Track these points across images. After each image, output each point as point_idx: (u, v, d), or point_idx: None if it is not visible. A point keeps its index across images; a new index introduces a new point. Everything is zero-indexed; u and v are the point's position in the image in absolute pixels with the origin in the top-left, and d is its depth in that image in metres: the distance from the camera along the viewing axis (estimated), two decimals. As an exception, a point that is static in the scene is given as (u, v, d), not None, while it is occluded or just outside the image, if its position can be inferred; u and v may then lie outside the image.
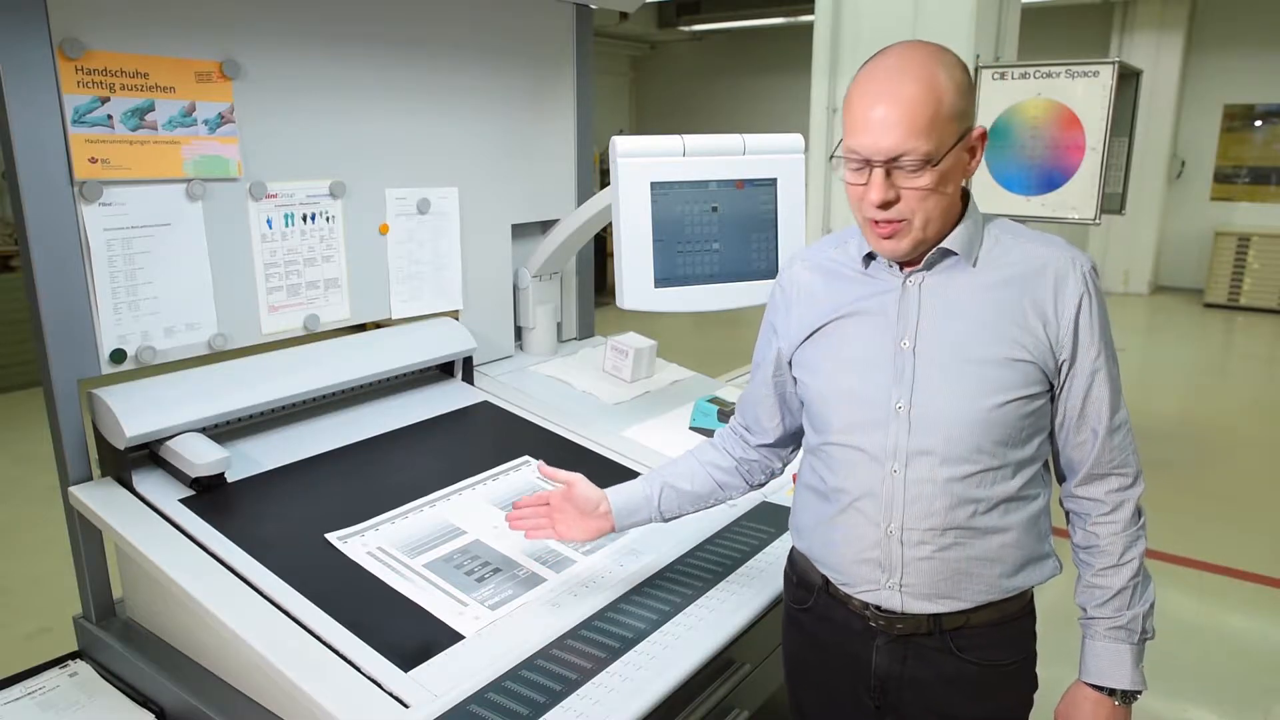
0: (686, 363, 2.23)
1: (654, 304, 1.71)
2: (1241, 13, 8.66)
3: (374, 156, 1.81)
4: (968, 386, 1.16)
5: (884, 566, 1.23)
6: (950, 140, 1.10)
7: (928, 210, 1.14)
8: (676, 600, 1.33)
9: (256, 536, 1.36)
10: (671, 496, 1.38)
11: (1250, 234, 8.51)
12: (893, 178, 1.12)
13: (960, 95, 1.11)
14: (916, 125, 1.09)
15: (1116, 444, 1.21)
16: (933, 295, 1.20)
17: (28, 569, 3.55)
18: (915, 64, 1.11)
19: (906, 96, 1.09)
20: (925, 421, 1.18)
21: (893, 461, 1.20)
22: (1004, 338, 1.16)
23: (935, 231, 1.16)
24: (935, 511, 1.18)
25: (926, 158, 1.10)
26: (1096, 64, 3.68)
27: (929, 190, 1.12)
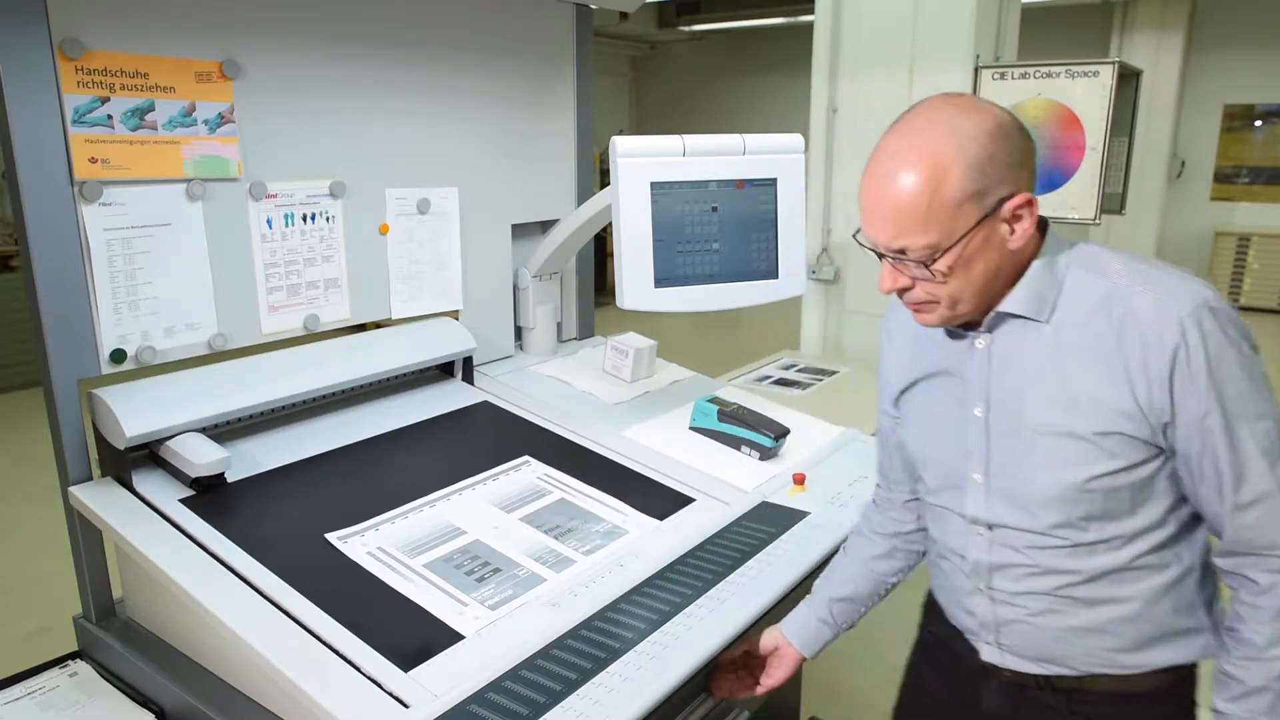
0: (686, 363, 2.23)
1: (654, 304, 1.71)
2: (1241, 13, 8.66)
3: (374, 156, 1.81)
4: (1043, 461, 1.05)
5: (982, 623, 1.19)
6: (963, 225, 0.99)
7: (952, 292, 1.04)
8: (676, 600, 1.33)
9: (256, 536, 1.36)
10: (843, 609, 1.35)
11: (1250, 234, 8.51)
12: (902, 267, 1.04)
13: (973, 172, 0.98)
14: (912, 219, 0.99)
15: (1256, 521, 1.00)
16: (1002, 358, 1.09)
17: (28, 569, 3.55)
18: (916, 143, 1.00)
19: (898, 187, 0.99)
20: (1003, 495, 1.10)
21: (980, 525, 1.15)
22: (1082, 407, 1.02)
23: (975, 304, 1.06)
24: (1024, 579, 1.11)
25: (930, 250, 1.00)
26: (1096, 64, 3.68)
27: (945, 278, 1.03)
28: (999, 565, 1.14)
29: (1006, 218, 1.01)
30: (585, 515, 1.55)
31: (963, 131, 0.99)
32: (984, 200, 0.99)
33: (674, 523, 1.56)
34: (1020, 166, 1.01)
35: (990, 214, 0.99)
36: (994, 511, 1.12)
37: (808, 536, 1.52)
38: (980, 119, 1.00)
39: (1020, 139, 1.02)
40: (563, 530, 1.49)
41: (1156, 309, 0.99)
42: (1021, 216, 1.01)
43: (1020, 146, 1.02)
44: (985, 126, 0.99)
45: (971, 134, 0.99)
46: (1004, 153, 1.00)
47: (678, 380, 2.14)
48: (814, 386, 3.60)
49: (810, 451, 1.84)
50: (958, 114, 1.00)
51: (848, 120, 4.03)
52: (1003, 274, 1.05)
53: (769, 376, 3.74)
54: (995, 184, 0.99)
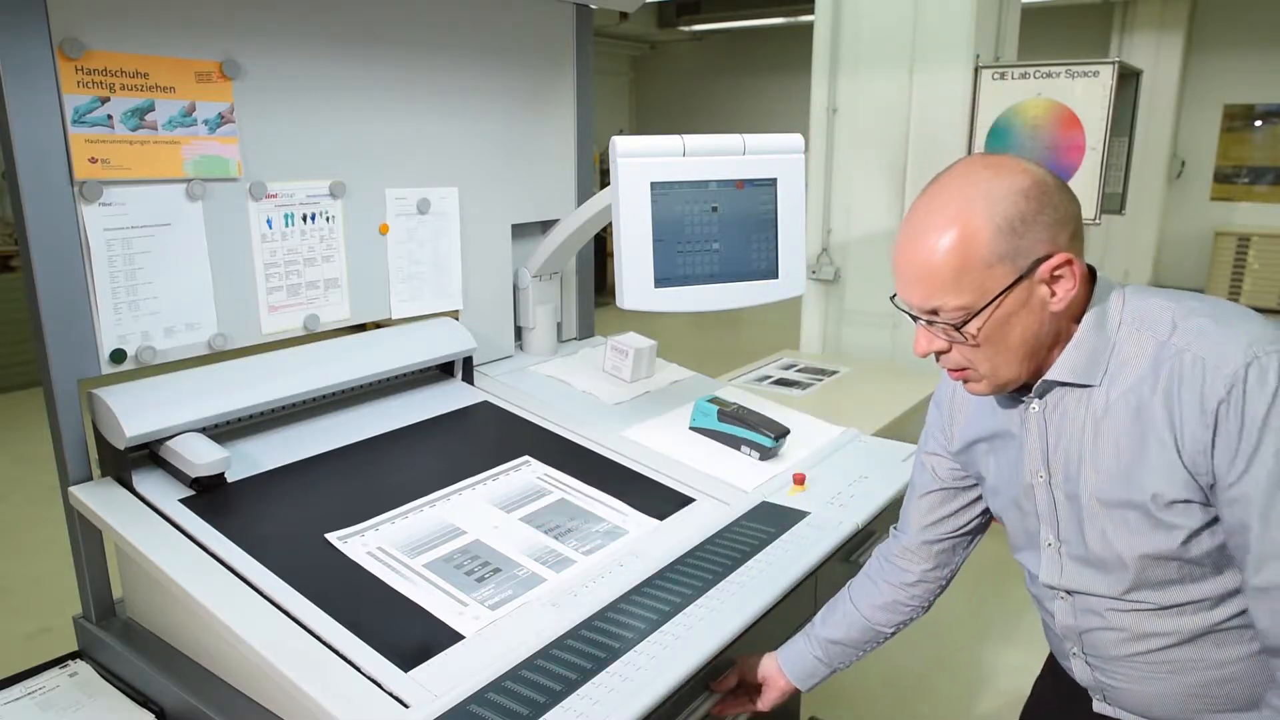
0: (686, 363, 2.23)
1: (654, 304, 1.71)
2: (1241, 13, 8.66)
3: (374, 156, 1.81)
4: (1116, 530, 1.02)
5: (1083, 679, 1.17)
6: (996, 286, 0.96)
7: (990, 358, 1.01)
8: (676, 600, 1.33)
9: (256, 536, 1.36)
10: (837, 652, 1.37)
11: (1250, 234, 8.51)
12: (937, 329, 1.02)
13: (1005, 233, 0.95)
14: (942, 280, 0.97)
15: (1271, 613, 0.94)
16: (1057, 425, 1.06)
17: (28, 569, 3.55)
18: (947, 204, 0.98)
19: (929, 248, 0.97)
20: (1077, 560, 1.08)
21: (1061, 593, 1.13)
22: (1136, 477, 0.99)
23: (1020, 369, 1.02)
24: (1111, 643, 1.09)
25: (963, 312, 0.98)
26: (1096, 64, 3.68)
27: (978, 342, 1.00)
28: (1087, 629, 1.12)
29: (1045, 279, 0.98)
30: (585, 515, 1.55)
31: (994, 192, 0.96)
32: (1017, 261, 0.96)
33: (674, 523, 1.56)
34: (1059, 225, 0.97)
35: (1025, 275, 0.96)
36: (1069, 577, 1.10)
37: (808, 536, 1.52)
38: (1014, 179, 0.97)
39: (1060, 198, 0.98)
40: (563, 530, 1.49)
41: (1202, 369, 0.94)
42: (1061, 277, 0.98)
43: (1059, 205, 0.98)
44: (1019, 186, 0.97)
45: (1004, 194, 0.96)
46: (1039, 212, 0.96)
47: (678, 380, 2.14)
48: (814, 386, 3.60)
49: (810, 451, 1.84)
50: (992, 175, 0.98)
51: (848, 120, 4.03)
52: (1046, 336, 1.01)
53: (769, 376, 3.74)
54: (1031, 245, 0.96)
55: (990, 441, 1.16)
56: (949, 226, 0.97)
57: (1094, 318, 1.02)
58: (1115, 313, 1.02)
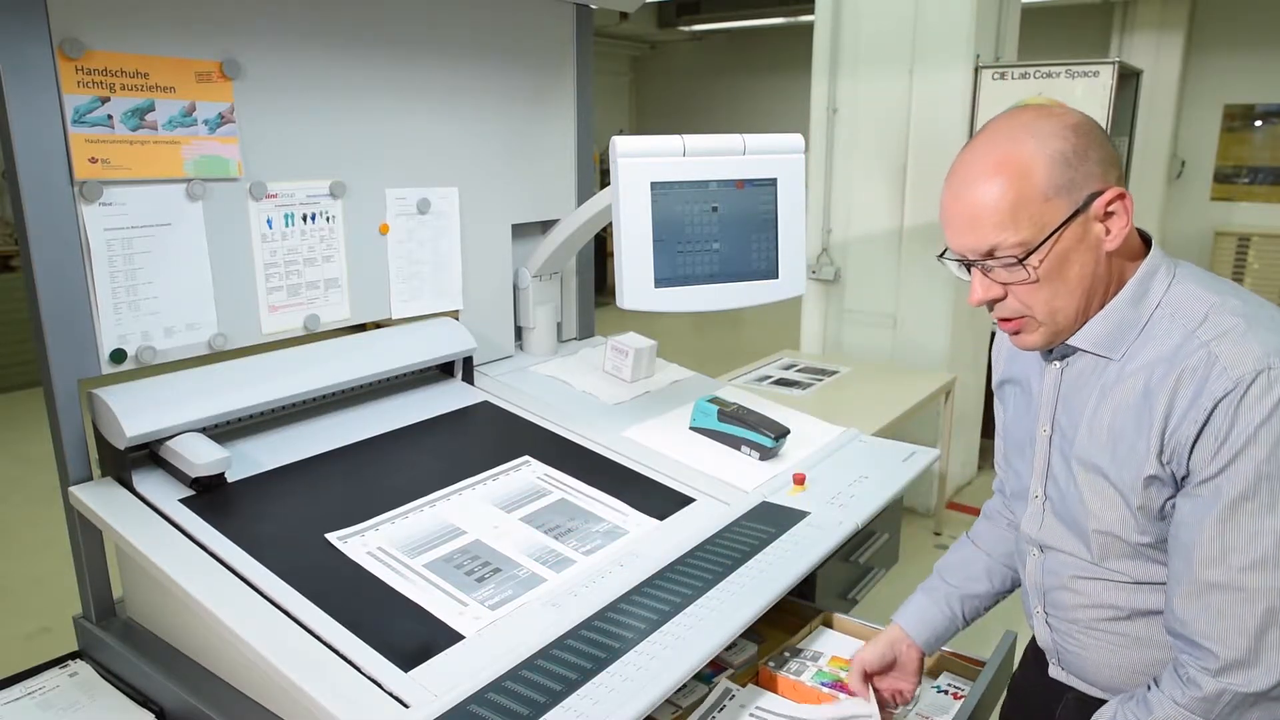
0: (686, 363, 2.23)
1: (654, 304, 1.71)
2: (1241, 13, 8.66)
3: (374, 156, 1.81)
4: (1095, 497, 1.03)
5: (1044, 643, 1.19)
6: (1054, 219, 0.95)
7: (1048, 302, 1.00)
8: (677, 600, 1.33)
9: (256, 536, 1.36)
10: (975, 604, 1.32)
11: (1250, 234, 8.51)
12: (994, 274, 1.00)
13: (1062, 166, 0.95)
14: (998, 215, 0.96)
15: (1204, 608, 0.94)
16: (1071, 382, 1.06)
17: (28, 569, 3.56)
18: (995, 142, 0.98)
19: (982, 186, 0.97)
20: (1056, 518, 1.10)
21: (1034, 545, 1.14)
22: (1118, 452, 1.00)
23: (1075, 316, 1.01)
24: (1070, 606, 1.11)
25: (1021, 248, 0.96)
26: (1096, 64, 3.68)
27: (1039, 282, 0.98)
28: (1051, 589, 1.14)
29: (1099, 215, 0.97)
30: (585, 515, 1.55)
31: (1042, 130, 0.96)
32: (1073, 194, 0.95)
33: (674, 523, 1.56)
34: (1108, 164, 0.98)
35: (1081, 209, 0.96)
36: (1046, 532, 1.11)
37: (808, 536, 1.52)
38: (1061, 118, 0.98)
39: (1105, 139, 0.99)
40: (563, 530, 1.49)
41: (1213, 365, 0.93)
42: (1114, 213, 0.97)
43: (1105, 144, 0.98)
44: (1066, 123, 0.97)
45: (1052, 131, 0.96)
46: (1089, 148, 0.96)
47: (678, 380, 2.14)
48: (814, 386, 3.60)
49: (810, 451, 1.84)
50: (1036, 115, 0.98)
51: (848, 120, 4.03)
52: (1102, 279, 1.00)
53: (769, 376, 3.74)
54: (1084, 179, 0.96)
55: (1016, 385, 1.17)
56: (1002, 164, 0.96)
57: (1134, 290, 1.01)
58: (1157, 293, 1.01)
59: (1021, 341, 1.05)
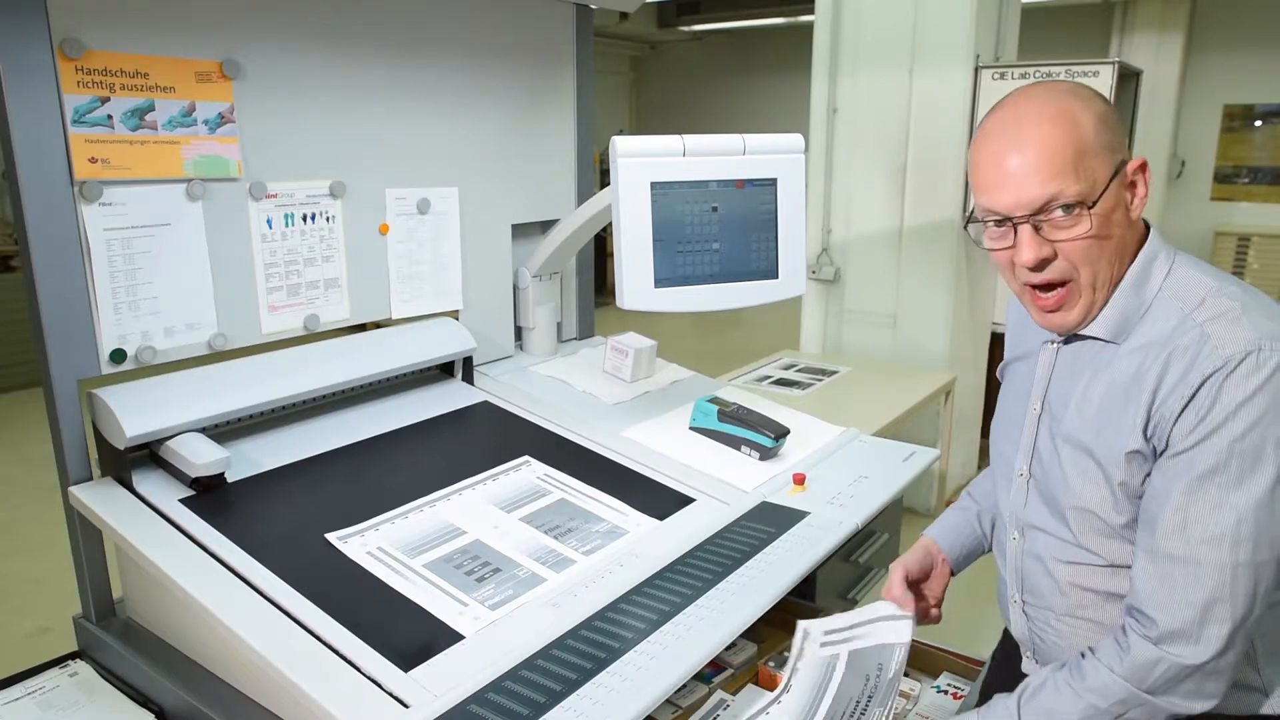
0: (686, 363, 2.23)
1: (654, 304, 1.71)
2: (1241, 13, 8.66)
3: (374, 156, 1.81)
4: (1078, 474, 1.04)
5: (1020, 635, 1.19)
6: (1105, 175, 0.95)
7: (1094, 264, 0.98)
8: (677, 600, 1.33)
9: (256, 536, 1.36)
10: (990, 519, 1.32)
11: (1250, 234, 8.51)
12: (1044, 232, 0.97)
13: (1105, 125, 0.96)
14: (1060, 164, 0.94)
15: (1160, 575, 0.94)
16: (1067, 361, 1.07)
17: (28, 569, 3.56)
18: (1043, 100, 0.98)
19: (1042, 136, 0.95)
20: (1039, 495, 1.10)
21: (1015, 529, 1.14)
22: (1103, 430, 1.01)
23: (1107, 288, 1.01)
24: (1047, 592, 1.11)
25: (1080, 199, 0.95)
26: (1096, 64, 3.68)
27: (1092, 239, 0.97)
28: (1028, 573, 1.14)
29: (1128, 181, 0.98)
30: (585, 515, 1.55)
31: (1084, 93, 0.98)
32: (1115, 155, 0.96)
33: (674, 523, 1.56)
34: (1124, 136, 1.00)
35: (1120, 169, 0.96)
36: (1029, 512, 1.12)
37: (808, 536, 1.52)
38: (1090, 90, 0.99)
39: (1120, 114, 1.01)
40: (563, 530, 1.49)
41: (1205, 344, 0.94)
42: (1137, 182, 0.99)
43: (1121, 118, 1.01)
44: (1097, 95, 0.99)
45: (1091, 95, 0.98)
46: (1114, 119, 0.98)
47: (678, 380, 2.14)
48: (814, 386, 3.60)
49: (810, 451, 1.84)
50: (1072, 84, 1.00)
51: (848, 120, 4.03)
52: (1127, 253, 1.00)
53: (769, 376, 3.74)
54: (1120, 143, 0.97)
55: (1021, 362, 1.17)
56: (1060, 116, 0.95)
57: (1137, 275, 1.01)
58: (1158, 279, 1.02)
59: (1061, 320, 1.02)
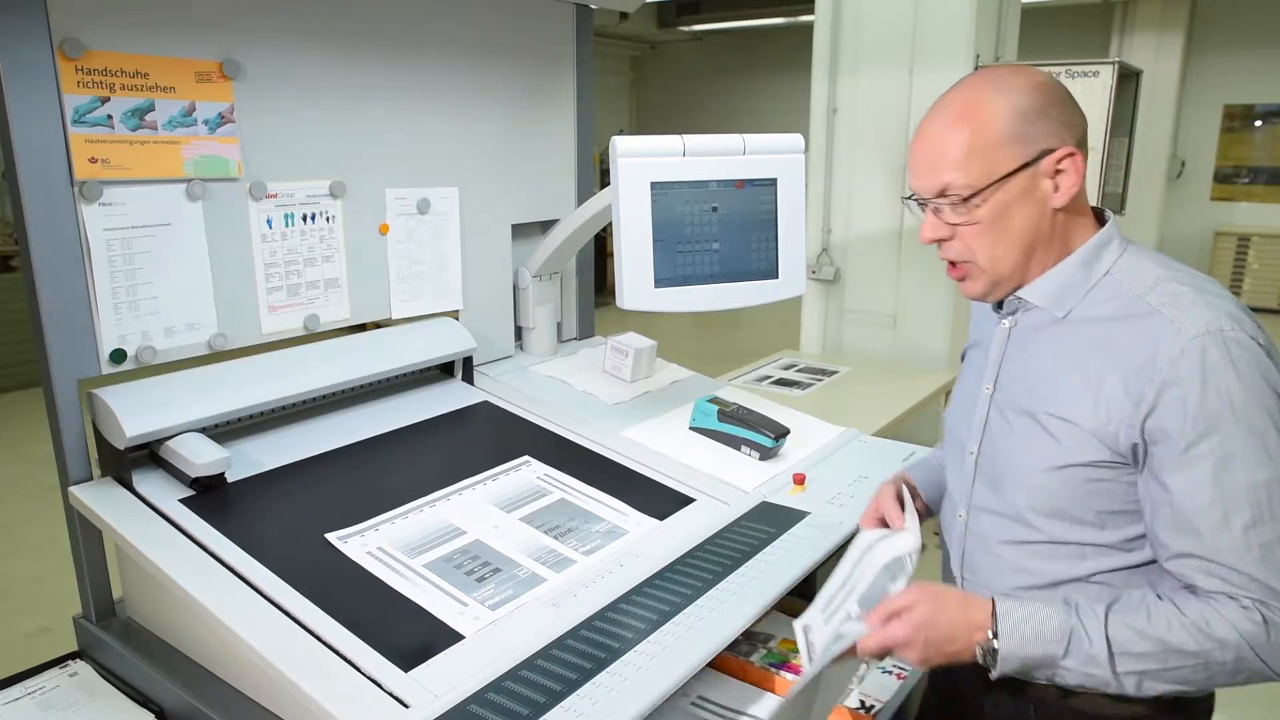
0: (686, 363, 2.23)
1: (654, 304, 1.71)
2: (1241, 13, 8.66)
3: (374, 156, 1.82)
4: (1026, 444, 1.06)
5: None
6: (1003, 166, 1.00)
7: (990, 248, 1.03)
8: (676, 600, 1.33)
9: (256, 536, 1.36)
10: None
11: (1250, 234, 8.52)
12: (942, 215, 1.05)
13: (1020, 118, 0.99)
14: (949, 157, 1.01)
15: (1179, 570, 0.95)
16: (1019, 341, 1.10)
17: (28, 569, 3.56)
18: (962, 92, 1.03)
19: (940, 128, 1.03)
20: (986, 473, 1.12)
21: (962, 508, 1.16)
22: (1068, 394, 1.02)
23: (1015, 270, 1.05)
24: (989, 571, 1.12)
25: (967, 190, 1.01)
26: (1096, 64, 3.68)
27: (982, 226, 1.02)
28: (970, 551, 1.16)
29: (1049, 172, 1.00)
30: (585, 515, 1.55)
31: (1007, 83, 1.01)
32: (1025, 147, 0.99)
33: (674, 523, 1.56)
34: (1068, 126, 1.01)
35: (1032, 162, 0.99)
36: (977, 492, 1.13)
37: (808, 536, 1.52)
38: (1030, 76, 1.02)
39: (1071, 105, 1.03)
40: (563, 530, 1.49)
41: (1163, 332, 0.96)
42: (1064, 171, 1.00)
43: (1070, 109, 1.02)
44: (1033, 81, 1.01)
45: (1016, 85, 1.01)
46: (1050, 106, 1.00)
47: (678, 380, 2.14)
48: (814, 386, 3.60)
49: (810, 451, 1.84)
50: (1007, 71, 1.04)
51: (848, 120, 4.03)
52: (1045, 236, 1.03)
53: (769, 376, 3.74)
54: (1039, 134, 0.99)
55: (977, 348, 1.20)
56: (964, 111, 1.01)
57: (1087, 254, 1.05)
58: (1108, 260, 1.05)
59: (966, 289, 1.09)
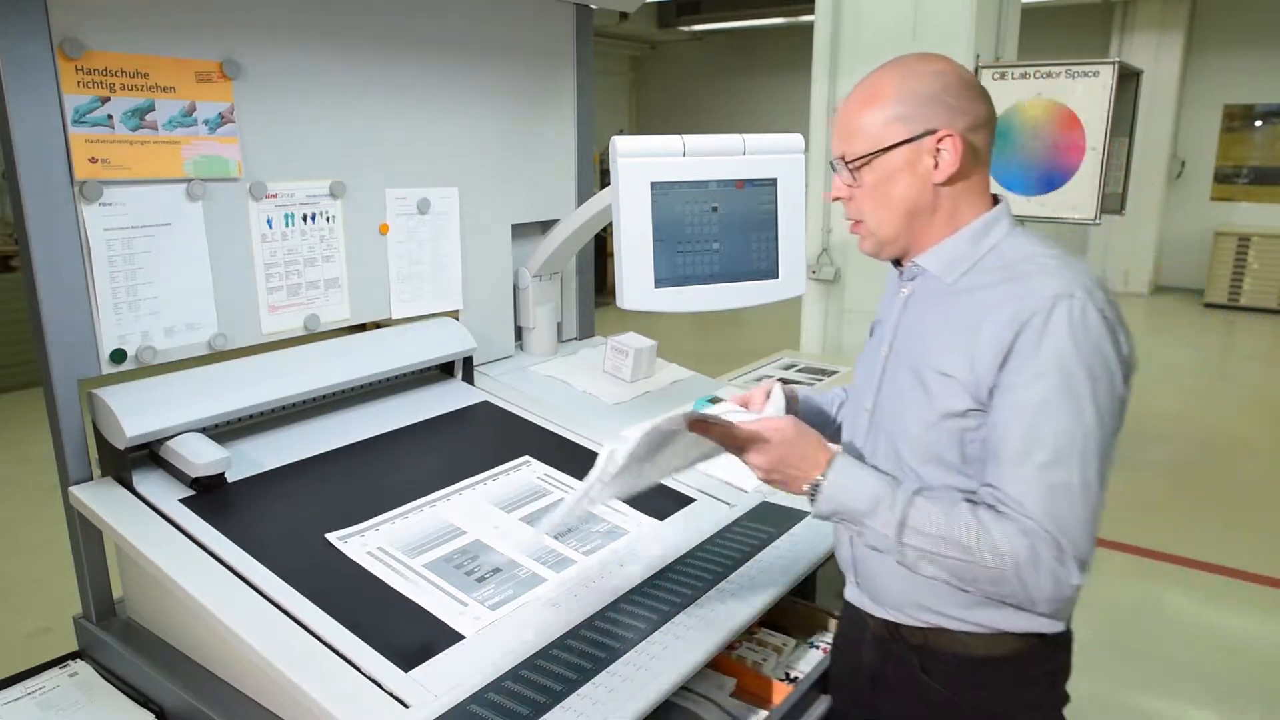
0: (686, 363, 2.23)
1: (654, 304, 1.71)
2: (1241, 13, 8.66)
3: (374, 156, 1.81)
4: (910, 398, 1.15)
5: (843, 559, 1.29)
6: (887, 139, 1.12)
7: (876, 212, 1.17)
8: (677, 600, 1.33)
9: (256, 536, 1.36)
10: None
11: (1250, 234, 8.51)
12: (842, 177, 1.19)
13: (908, 99, 1.11)
14: (845, 128, 1.16)
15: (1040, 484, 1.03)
16: (913, 308, 1.21)
17: (28, 569, 3.55)
18: (874, 74, 1.16)
19: (849, 104, 1.17)
20: (879, 426, 1.21)
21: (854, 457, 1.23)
22: (946, 350, 1.11)
23: (898, 235, 1.18)
24: None
25: (854, 158, 1.15)
26: (1096, 64, 3.68)
27: (868, 191, 1.16)
28: None
29: (931, 150, 1.12)
30: (585, 515, 1.55)
31: (911, 69, 1.14)
32: (911, 124, 1.12)
33: (674, 523, 1.56)
34: (958, 112, 1.11)
35: (915, 138, 1.12)
36: (869, 444, 1.22)
37: (807, 536, 1.52)
38: (935, 64, 1.14)
39: (970, 95, 1.13)
40: (563, 530, 1.49)
41: (1026, 291, 1.07)
42: (944, 151, 1.11)
43: (965, 97, 1.12)
44: (935, 69, 1.13)
45: (918, 72, 1.13)
46: (944, 93, 1.11)
47: (678, 380, 2.14)
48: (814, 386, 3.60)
49: (810, 451, 1.84)
50: (918, 59, 1.15)
51: (848, 120, 4.02)
52: (925, 208, 1.15)
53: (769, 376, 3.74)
54: (926, 115, 1.11)
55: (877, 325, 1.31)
56: (868, 88, 1.15)
57: (975, 231, 1.15)
58: (995, 237, 1.15)
59: (860, 245, 1.23)
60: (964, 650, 1.16)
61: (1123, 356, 1.07)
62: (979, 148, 1.13)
